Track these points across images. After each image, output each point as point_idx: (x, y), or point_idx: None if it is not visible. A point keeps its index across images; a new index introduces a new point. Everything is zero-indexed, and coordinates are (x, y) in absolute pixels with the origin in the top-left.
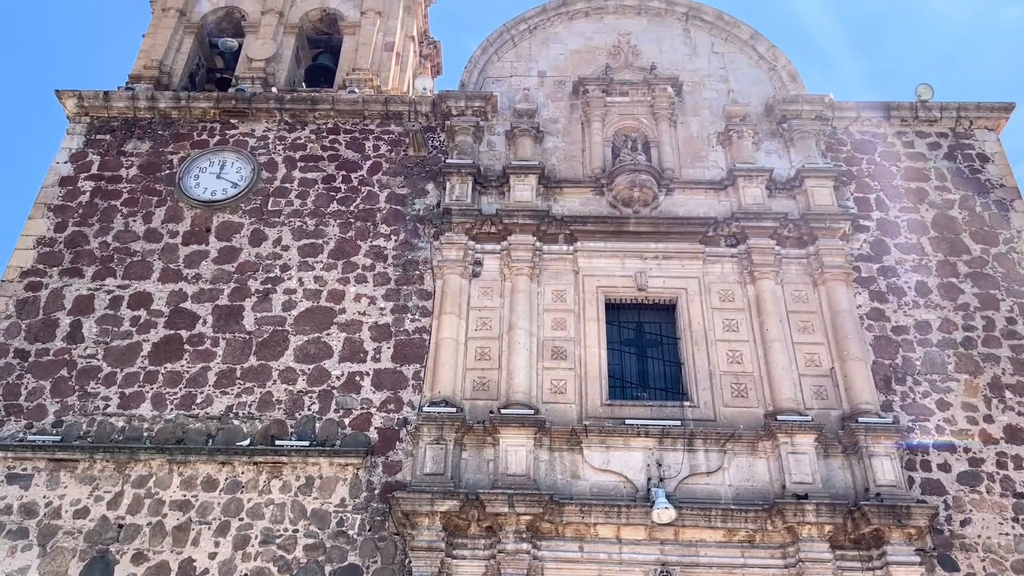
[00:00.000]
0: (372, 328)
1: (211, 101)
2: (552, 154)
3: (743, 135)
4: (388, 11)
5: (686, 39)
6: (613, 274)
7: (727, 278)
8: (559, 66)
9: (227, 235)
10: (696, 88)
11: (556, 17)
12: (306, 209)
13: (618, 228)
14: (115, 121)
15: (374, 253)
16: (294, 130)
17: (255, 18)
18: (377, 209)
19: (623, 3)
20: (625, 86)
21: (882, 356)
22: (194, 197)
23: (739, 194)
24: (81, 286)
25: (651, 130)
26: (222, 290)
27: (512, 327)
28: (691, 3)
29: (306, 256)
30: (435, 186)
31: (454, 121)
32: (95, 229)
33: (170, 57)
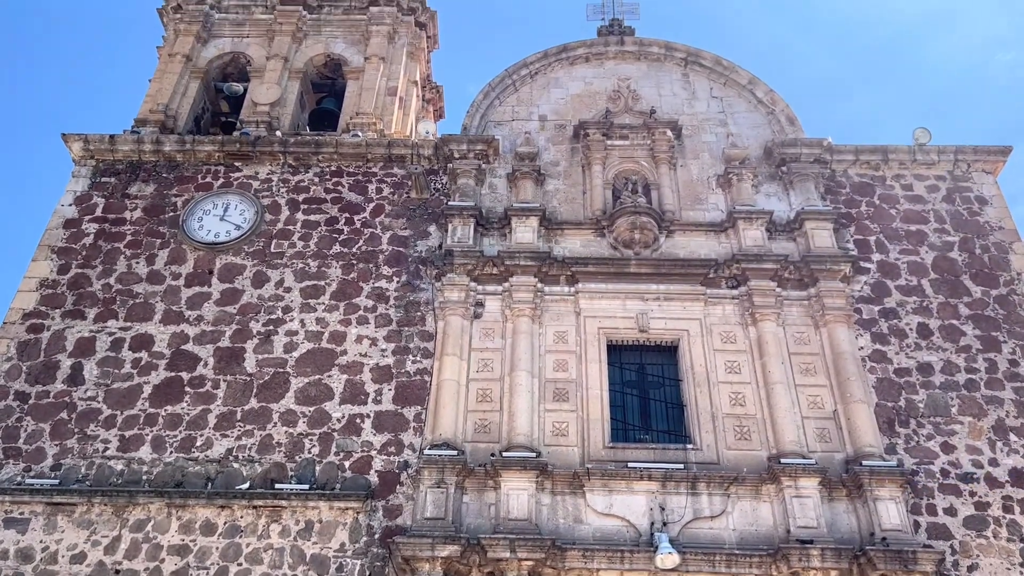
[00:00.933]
0: (373, 370)
1: (216, 144)
2: (553, 196)
3: (742, 178)
4: (391, 57)
5: (685, 84)
6: (615, 315)
7: (729, 319)
8: (560, 110)
9: (229, 277)
10: (695, 132)
11: (557, 62)
12: (309, 251)
13: (619, 269)
14: (120, 164)
15: (376, 295)
16: (298, 173)
17: (260, 63)
18: (379, 251)
19: (623, 49)
20: (625, 130)
21: (885, 398)
22: (197, 239)
23: (739, 236)
24: (83, 328)
25: (651, 173)
26: (224, 332)
27: (514, 368)
28: (690, 48)
29: (308, 298)
30: (437, 228)
31: (456, 164)
32: (98, 271)
33: (176, 101)
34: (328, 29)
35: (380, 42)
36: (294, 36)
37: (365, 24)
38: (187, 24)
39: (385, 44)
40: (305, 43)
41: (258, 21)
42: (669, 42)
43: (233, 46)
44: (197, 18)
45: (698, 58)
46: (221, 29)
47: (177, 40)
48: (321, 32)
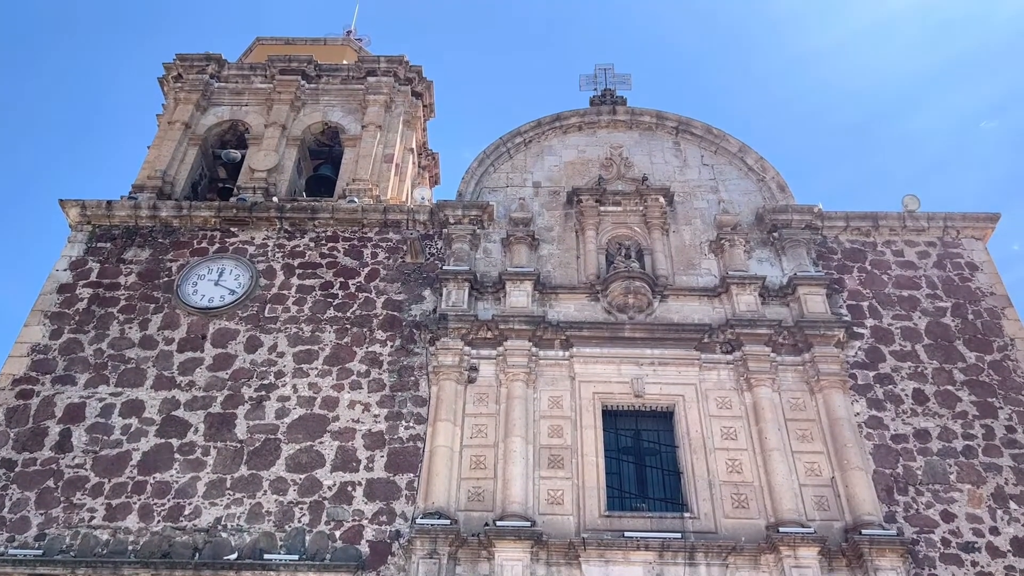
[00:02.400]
0: (366, 436)
1: (212, 210)
2: (547, 261)
3: (735, 243)
4: (388, 125)
5: (677, 151)
6: (609, 380)
7: (724, 385)
8: (553, 177)
9: (223, 342)
10: (687, 198)
11: (550, 131)
12: (303, 315)
13: (613, 334)
14: (116, 229)
15: (369, 359)
16: (293, 238)
17: (258, 131)
18: (374, 315)
19: (615, 118)
20: (618, 196)
21: (883, 465)
22: (191, 304)
23: (733, 301)
24: (73, 394)
25: (644, 238)
26: (215, 397)
27: (508, 434)
28: (680, 117)
29: (301, 363)
30: (432, 292)
31: (451, 229)
32: (90, 336)
33: (174, 168)
34: (326, 98)
35: (377, 111)
36: (292, 105)
37: (362, 93)
38: (187, 93)
39: (382, 113)
40: (303, 111)
41: (257, 90)
42: (660, 111)
43: (232, 114)
44: (197, 87)
45: (689, 127)
46: (220, 98)
47: (177, 108)
48: (319, 101)
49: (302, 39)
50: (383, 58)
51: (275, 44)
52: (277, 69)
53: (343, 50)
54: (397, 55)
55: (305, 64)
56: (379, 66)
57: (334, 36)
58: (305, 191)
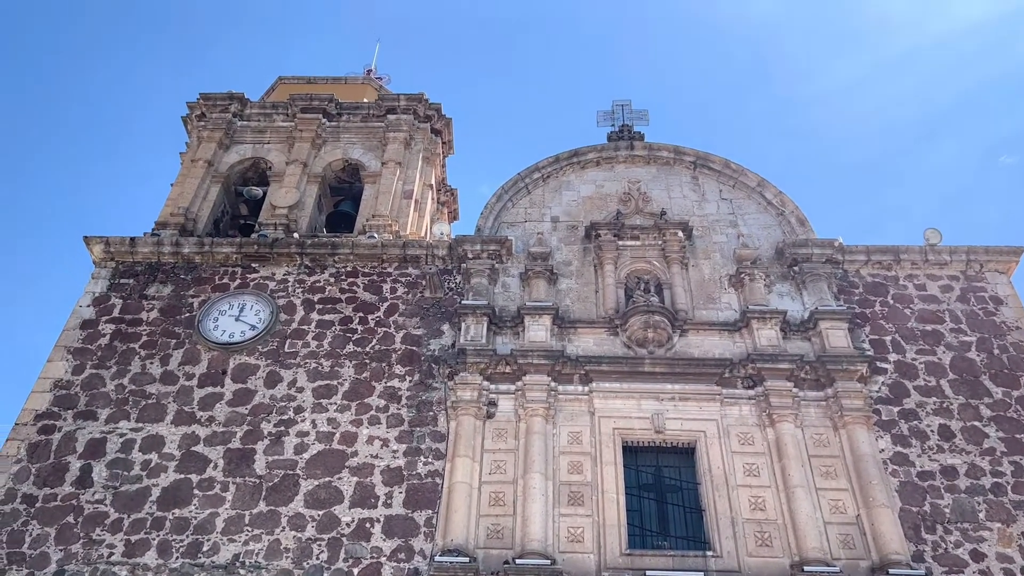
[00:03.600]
0: (384, 472)
1: (234, 246)
2: (566, 295)
3: (755, 278)
4: (408, 162)
5: (695, 186)
6: (630, 415)
7: (746, 420)
8: (571, 212)
9: (242, 377)
10: (706, 232)
11: (568, 166)
12: (322, 350)
13: (633, 368)
14: (139, 266)
15: (388, 394)
16: (313, 273)
17: (280, 168)
18: (393, 350)
19: (633, 153)
20: (636, 231)
21: (909, 503)
22: (212, 339)
23: (754, 336)
24: (94, 429)
25: (663, 273)
26: (235, 433)
27: (527, 471)
28: (698, 152)
29: (320, 397)
30: (450, 327)
31: (470, 264)
32: (112, 371)
33: (196, 204)
34: (346, 136)
35: (397, 148)
36: (313, 143)
37: (382, 131)
38: (210, 131)
39: (402, 150)
40: (324, 149)
41: (279, 129)
42: (678, 146)
43: (254, 152)
44: (220, 126)
45: (707, 161)
46: (243, 136)
47: (200, 146)
48: (340, 139)
49: (323, 78)
50: (403, 96)
51: (297, 83)
52: (299, 108)
53: (363, 88)
54: (416, 93)
55: (326, 103)
56: (399, 104)
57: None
58: (325, 227)
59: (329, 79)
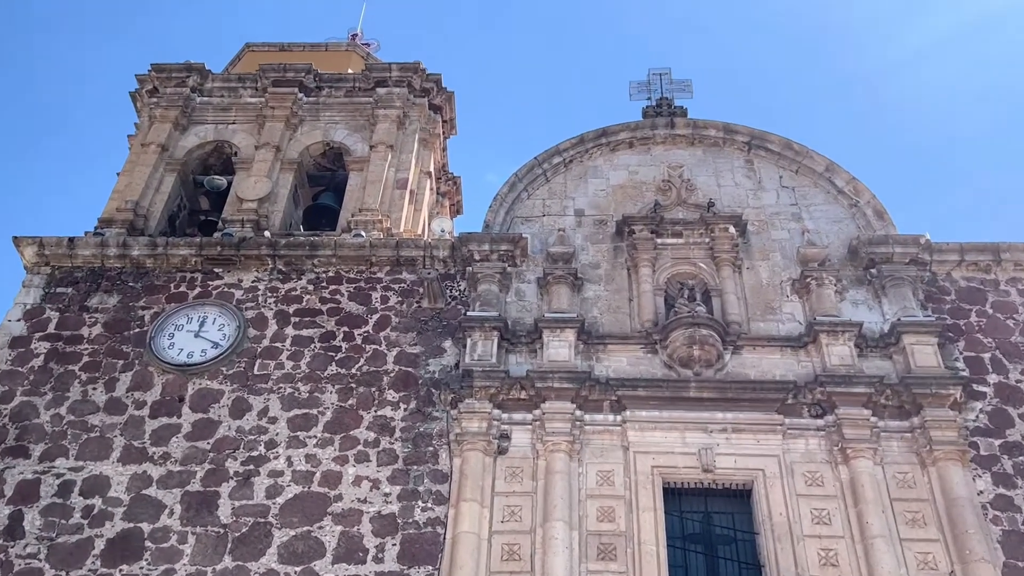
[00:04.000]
0: (375, 519)
1: (193, 248)
2: (593, 305)
3: (823, 282)
4: (401, 144)
5: (749, 171)
6: (672, 451)
7: (814, 456)
8: (599, 204)
9: (203, 405)
10: (764, 227)
11: (595, 148)
12: (299, 373)
13: (676, 394)
14: (80, 272)
15: (379, 425)
16: (289, 280)
17: (248, 153)
18: (384, 372)
19: (673, 132)
20: (678, 226)
21: (1015, 556)
22: (167, 360)
23: (822, 353)
24: (26, 469)
25: (711, 276)
26: (194, 473)
27: (548, 518)
28: (753, 131)
29: (297, 430)
30: (453, 344)
31: (477, 267)
32: (47, 399)
33: (148, 198)
34: (328, 114)
35: (388, 128)
36: (288, 122)
37: (371, 108)
38: (164, 109)
39: (394, 130)
40: (300, 130)
41: (246, 106)
42: (728, 123)
43: (217, 134)
44: (176, 103)
45: (764, 142)
46: (203, 115)
47: (152, 128)
48: (319, 117)
49: (299, 44)
50: (395, 65)
51: (268, 51)
52: (270, 80)
53: (347, 56)
54: (412, 62)
55: (303, 74)
56: (390, 75)
57: (337, 40)
58: (303, 224)
59: (307, 46)
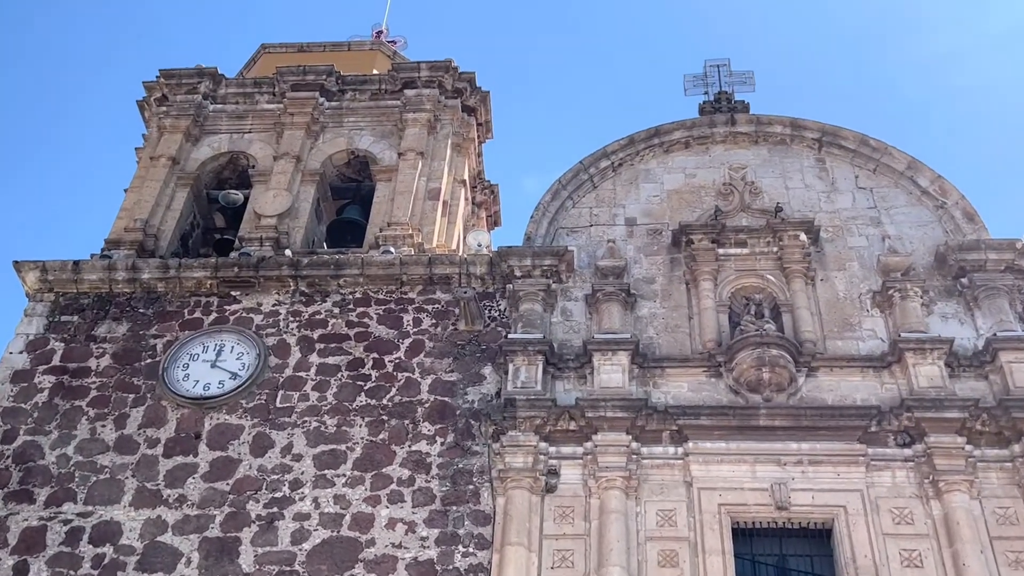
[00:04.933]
0: (411, 566)
1: (208, 269)
2: (649, 324)
3: (908, 294)
4: (433, 151)
5: (821, 172)
6: (741, 486)
7: (902, 491)
8: (653, 211)
9: (222, 442)
10: (839, 234)
11: (647, 150)
12: (325, 405)
13: (744, 422)
14: (86, 298)
15: (414, 462)
16: (312, 303)
17: (266, 165)
18: (418, 402)
19: (734, 130)
20: (742, 234)
21: None
22: (181, 393)
23: (909, 374)
24: (31, 515)
25: (781, 290)
26: (213, 517)
27: (603, 563)
28: (825, 126)
29: (324, 468)
30: (494, 370)
31: (518, 285)
32: (52, 438)
33: (158, 216)
34: (352, 119)
35: (418, 133)
36: (308, 130)
37: (399, 112)
38: (174, 119)
39: (424, 135)
40: (323, 138)
41: (263, 113)
42: (796, 119)
43: (231, 144)
44: (187, 111)
45: (836, 138)
46: (217, 124)
47: (161, 139)
48: (343, 123)
49: (319, 44)
50: (424, 64)
51: (285, 52)
52: (288, 84)
53: (372, 56)
54: (442, 60)
55: (324, 76)
56: (419, 75)
57: (360, 38)
58: (327, 241)
59: (327, 45)
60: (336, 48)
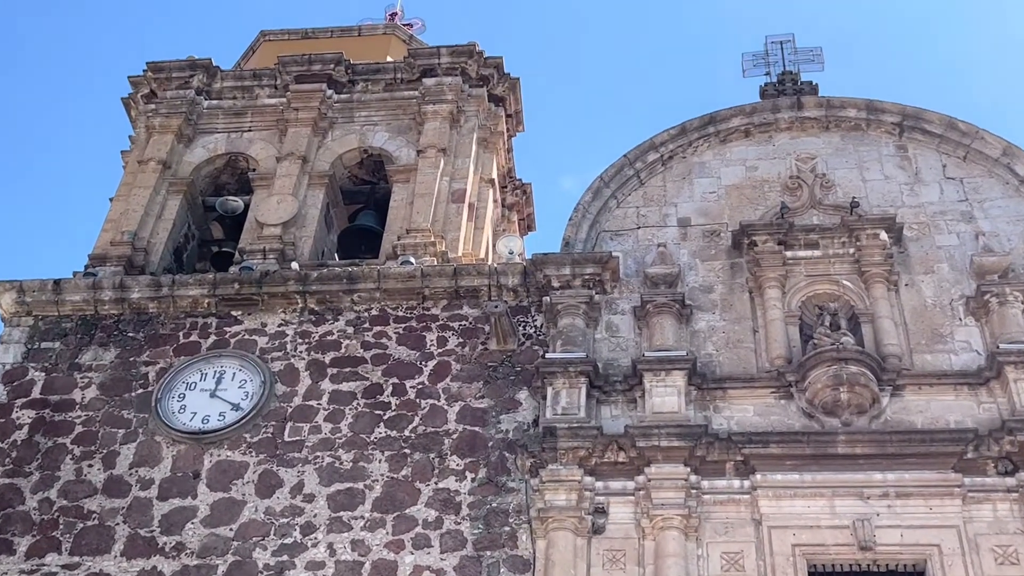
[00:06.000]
0: None
1: (205, 286)
2: (707, 339)
3: (1007, 299)
4: (456, 147)
5: (902, 161)
6: (818, 524)
7: (1004, 526)
8: (709, 209)
9: (224, 482)
10: (925, 231)
11: (701, 140)
12: (340, 437)
13: (820, 450)
14: (68, 321)
15: (441, 501)
16: (323, 322)
17: (268, 166)
18: (444, 433)
19: (801, 115)
20: (814, 234)
21: None
22: (177, 427)
23: (1010, 391)
24: (10, 567)
25: (859, 297)
26: (215, 567)
27: None
28: (906, 109)
29: (340, 509)
30: (530, 395)
31: (556, 297)
32: (34, 481)
33: (148, 227)
34: (364, 114)
35: (439, 127)
36: (315, 127)
37: (417, 103)
38: (164, 117)
39: (446, 129)
40: (332, 135)
41: (264, 108)
42: (873, 100)
43: (229, 145)
44: (178, 108)
45: (919, 121)
46: (212, 122)
47: (150, 141)
48: (354, 119)
49: (325, 30)
50: (444, 49)
51: (288, 39)
52: (291, 76)
53: (385, 41)
54: (465, 44)
55: (332, 66)
56: (439, 61)
57: (372, 22)
58: (338, 251)
59: (335, 31)
60: (345, 33)
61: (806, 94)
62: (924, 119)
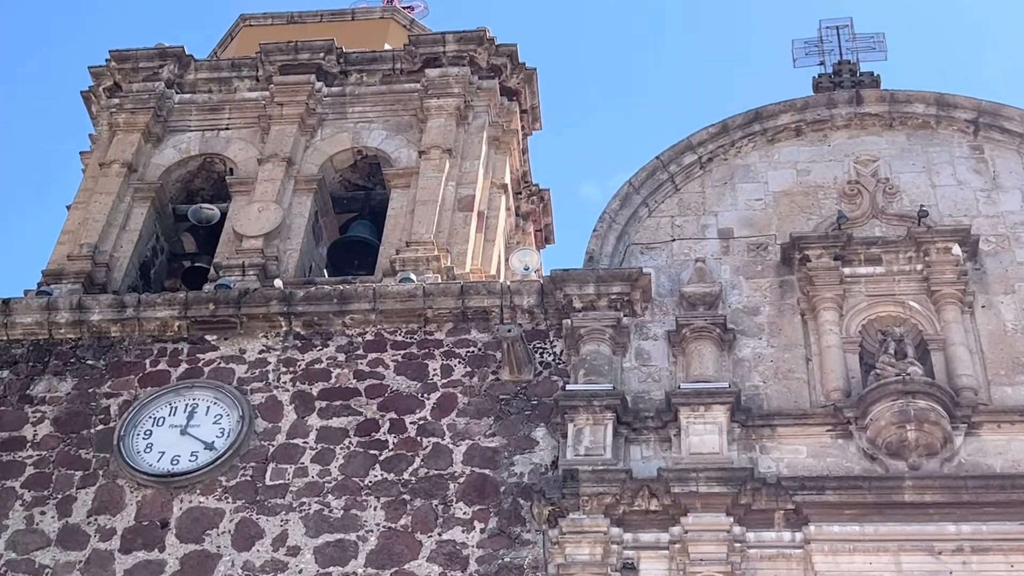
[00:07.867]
0: None
1: (175, 307)
2: (752, 368)
3: None
4: (464, 147)
5: (978, 163)
6: None
7: None
8: (755, 220)
9: (196, 532)
10: (1004, 245)
11: (745, 140)
12: (329, 481)
13: (884, 498)
14: (18, 347)
15: (446, 555)
16: (310, 348)
17: (248, 170)
18: (450, 476)
19: (860, 110)
20: (876, 247)
21: None
22: (142, 469)
23: None
24: None
25: (928, 321)
26: None
27: None
28: (981, 104)
29: (330, 564)
30: (548, 432)
31: (578, 320)
32: None
33: (111, 239)
34: (358, 109)
35: (444, 125)
36: (303, 124)
37: (418, 98)
38: (130, 114)
39: (452, 127)
40: (321, 134)
41: (244, 103)
42: (944, 94)
43: (204, 145)
44: (146, 102)
45: (998, 118)
46: (184, 119)
47: (114, 140)
48: (347, 115)
49: (314, 13)
50: (450, 36)
51: (271, 24)
52: (276, 66)
53: (383, 27)
54: (474, 30)
55: (321, 54)
56: (444, 49)
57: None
58: (328, 267)
59: (325, 14)
60: (336, 18)
61: (866, 87)
62: (1003, 115)
